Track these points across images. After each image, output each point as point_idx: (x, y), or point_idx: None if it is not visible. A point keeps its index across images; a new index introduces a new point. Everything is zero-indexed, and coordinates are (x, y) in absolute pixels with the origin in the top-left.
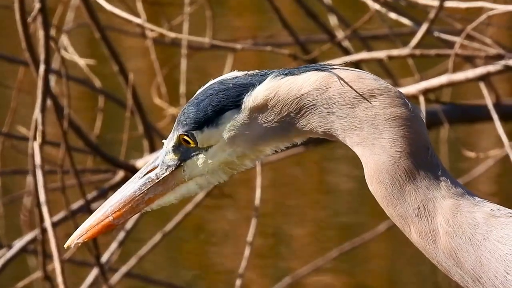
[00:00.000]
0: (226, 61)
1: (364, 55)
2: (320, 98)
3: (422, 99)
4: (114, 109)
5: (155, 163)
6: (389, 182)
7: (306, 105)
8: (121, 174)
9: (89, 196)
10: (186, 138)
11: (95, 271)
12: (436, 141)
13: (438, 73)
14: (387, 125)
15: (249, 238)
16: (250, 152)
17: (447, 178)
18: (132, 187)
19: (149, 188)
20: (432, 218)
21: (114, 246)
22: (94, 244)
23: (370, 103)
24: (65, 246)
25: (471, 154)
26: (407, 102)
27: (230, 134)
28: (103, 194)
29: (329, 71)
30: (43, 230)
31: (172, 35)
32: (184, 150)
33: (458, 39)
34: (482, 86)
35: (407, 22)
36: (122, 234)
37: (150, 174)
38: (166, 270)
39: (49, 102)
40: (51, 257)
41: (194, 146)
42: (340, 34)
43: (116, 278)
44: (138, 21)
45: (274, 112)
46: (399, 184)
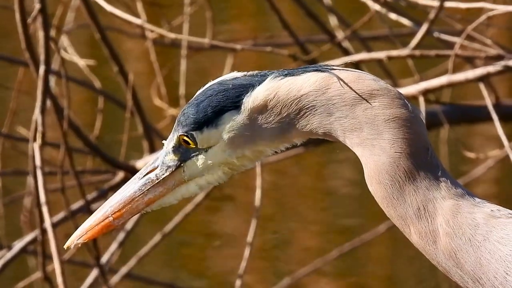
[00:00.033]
0: (225, 61)
1: (364, 56)
2: (319, 99)
3: (422, 100)
4: (114, 110)
5: (155, 164)
6: (389, 182)
7: (306, 105)
8: (121, 175)
9: (89, 196)
10: (185, 138)
11: (95, 272)
12: (436, 141)
13: (438, 73)
14: (387, 126)
15: (249, 239)
16: (249, 152)
17: (447, 179)
18: (132, 188)
19: (149, 188)
20: (432, 219)
21: (114, 246)
22: (94, 244)
23: (370, 104)
24: (65, 246)
25: (471, 155)
26: (407, 102)
27: (229, 135)
28: (103, 195)
29: (328, 72)
30: (43, 231)
31: (172, 36)
32: (184, 151)
33: (458, 40)
34: (482, 86)
35: (407, 22)
36: (122, 235)
37: (150, 175)
38: (166, 271)
39: (49, 103)
40: (51, 257)
41: (194, 146)
42: (340, 35)
43: (116, 279)
44: (138, 22)
45: (273, 112)
46: (399, 184)
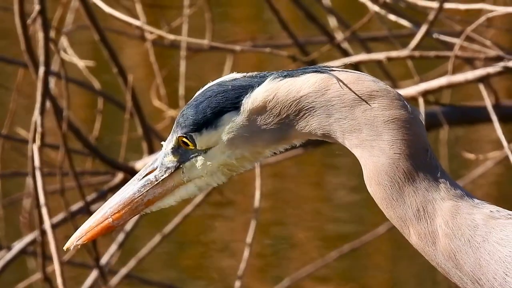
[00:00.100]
0: (225, 63)
1: (363, 57)
2: (319, 100)
3: (421, 101)
4: (113, 111)
5: (154, 165)
6: (388, 184)
7: (305, 107)
8: (120, 176)
9: (88, 198)
10: (185, 140)
11: (95, 273)
12: (435, 142)
13: (437, 74)
14: (386, 127)
15: (248, 240)
16: (249, 154)
17: (446, 180)
18: (131, 189)
19: (148, 190)
20: (431, 220)
21: (113, 248)
22: (93, 246)
23: (369, 105)
24: (64, 248)
25: (471, 156)
26: (406, 104)
27: (229, 136)
28: (103, 196)
29: (328, 73)
30: (43, 232)
31: (171, 37)
32: (183, 152)
33: (457, 41)
34: (482, 87)
35: (407, 23)
36: (121, 236)
37: (149, 176)
38: (165, 272)
39: (48, 104)
40: (51, 259)
41: (193, 148)
42: (339, 36)
43: (115, 280)
44: (138, 23)
45: (273, 114)
46: (398, 186)
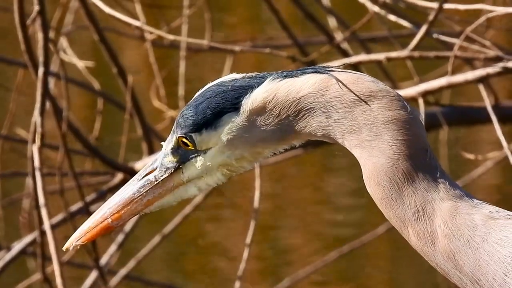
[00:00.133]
0: (224, 63)
1: (363, 57)
2: (318, 101)
3: (421, 101)
4: (113, 111)
5: (154, 165)
6: (387, 184)
7: (305, 107)
8: (119, 176)
9: (88, 198)
10: (184, 140)
11: (94, 274)
12: (435, 143)
13: (437, 75)
14: (386, 127)
15: (247, 240)
16: (248, 154)
17: (446, 180)
18: (130, 189)
19: (147, 190)
20: (430, 220)
21: (113, 248)
22: (93, 246)
23: (369, 106)
24: (64, 248)
25: (470, 156)
26: (406, 104)
27: (228, 136)
28: (102, 196)
29: (327, 74)
30: (42, 232)
31: (170, 37)
32: (182, 153)
33: (457, 41)
34: (481, 88)
35: (406, 24)
36: (121, 237)
37: (148, 176)
38: (165, 272)
39: (48, 105)
40: (50, 259)
41: (193, 148)
42: (339, 36)
43: (115, 280)
44: (137, 23)
45: (272, 114)
46: (398, 186)
